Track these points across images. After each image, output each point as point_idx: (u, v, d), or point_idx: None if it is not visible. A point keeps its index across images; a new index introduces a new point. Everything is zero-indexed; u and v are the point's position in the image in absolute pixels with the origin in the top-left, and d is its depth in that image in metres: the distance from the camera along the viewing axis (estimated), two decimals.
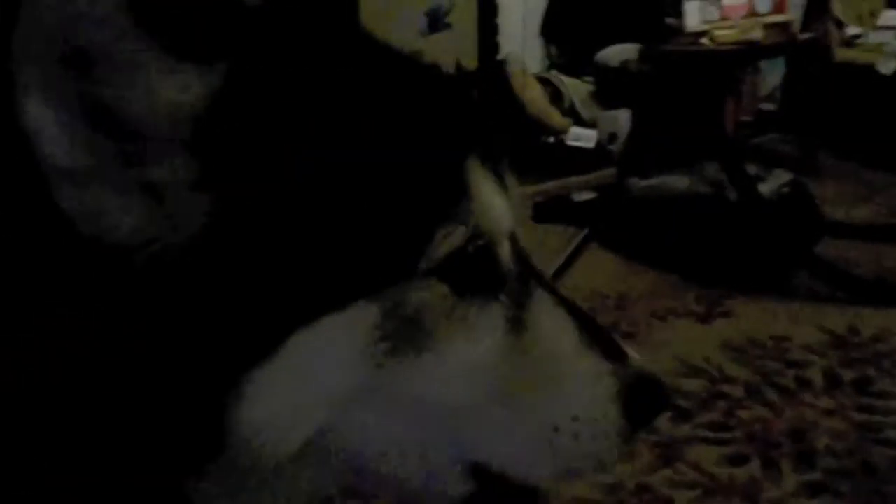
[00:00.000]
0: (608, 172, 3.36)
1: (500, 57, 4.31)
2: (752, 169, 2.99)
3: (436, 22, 3.32)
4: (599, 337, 0.64)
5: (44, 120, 0.44)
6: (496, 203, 0.59)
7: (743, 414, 2.06)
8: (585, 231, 3.19)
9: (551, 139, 4.00)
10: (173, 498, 0.52)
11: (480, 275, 0.58)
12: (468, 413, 0.58)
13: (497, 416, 0.58)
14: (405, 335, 0.53)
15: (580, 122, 4.13)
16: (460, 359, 0.56)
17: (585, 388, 0.61)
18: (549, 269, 2.71)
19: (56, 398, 0.47)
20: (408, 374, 0.54)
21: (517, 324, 0.60)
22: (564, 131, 4.05)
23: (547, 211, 3.50)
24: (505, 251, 0.61)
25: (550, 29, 4.63)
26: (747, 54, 3.21)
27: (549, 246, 3.07)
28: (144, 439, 0.49)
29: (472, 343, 0.57)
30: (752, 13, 3.11)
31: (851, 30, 4.33)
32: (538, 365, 0.60)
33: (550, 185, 3.35)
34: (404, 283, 0.53)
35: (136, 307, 0.48)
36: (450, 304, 0.55)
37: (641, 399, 0.63)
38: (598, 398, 0.61)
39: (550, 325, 0.62)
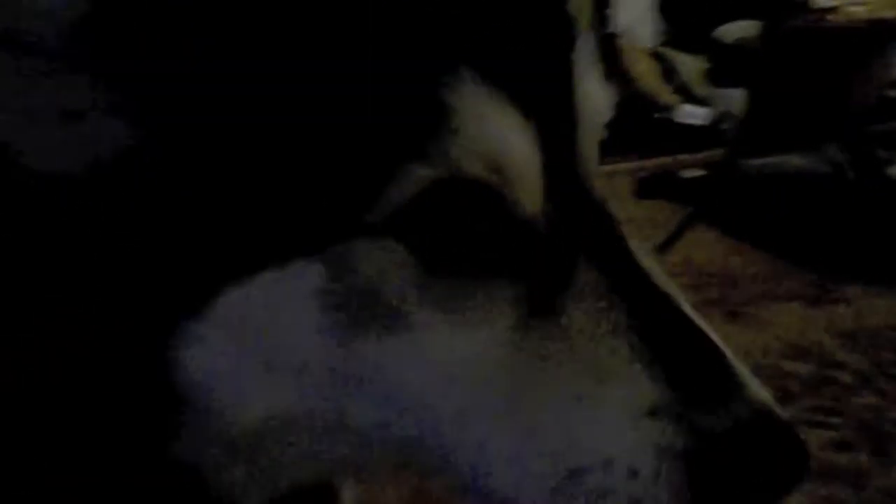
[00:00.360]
0: (718, 152, 3.27)
1: (610, 30, 4.24)
2: (879, 153, 2.85)
3: None
4: (683, 352, 0.45)
5: None
6: (501, 138, 0.43)
7: (853, 400, 1.99)
8: (692, 208, 3.13)
9: (659, 115, 3.93)
10: (170, 497, 0.50)
11: (471, 238, 0.44)
12: (456, 419, 0.45)
13: (497, 432, 0.45)
14: (363, 308, 0.44)
15: (690, 99, 4.04)
16: (442, 350, 0.44)
17: (625, 424, 0.43)
18: (652, 246, 2.68)
19: None
20: (376, 358, 0.45)
21: (538, 314, 0.45)
22: (674, 108, 3.97)
23: (652, 187, 3.45)
24: (527, 207, 0.45)
25: (667, 3, 4.52)
26: (880, 34, 3.04)
27: (655, 222, 3.02)
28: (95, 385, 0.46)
29: (459, 332, 0.44)
30: None
31: None
32: (560, 376, 0.45)
33: (658, 162, 3.30)
34: (348, 241, 0.43)
35: (54, 239, 0.44)
36: (416, 275, 0.44)
37: (736, 467, 0.42)
38: (644, 444, 0.43)
39: (588, 323, 0.45)
